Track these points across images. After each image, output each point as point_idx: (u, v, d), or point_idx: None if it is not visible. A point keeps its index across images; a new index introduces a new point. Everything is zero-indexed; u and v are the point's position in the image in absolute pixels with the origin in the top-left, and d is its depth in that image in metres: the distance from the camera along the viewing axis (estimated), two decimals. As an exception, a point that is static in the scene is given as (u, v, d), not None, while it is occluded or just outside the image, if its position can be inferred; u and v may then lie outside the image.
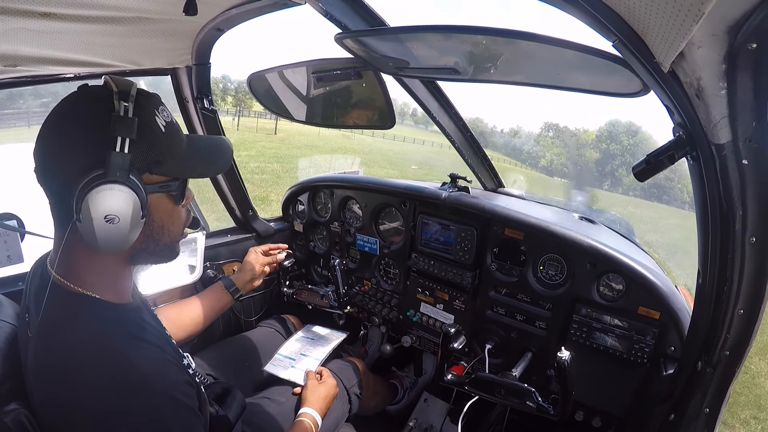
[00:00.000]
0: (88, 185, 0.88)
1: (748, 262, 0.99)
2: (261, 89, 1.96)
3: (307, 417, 1.68)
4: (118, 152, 0.89)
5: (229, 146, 1.22)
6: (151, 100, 1.00)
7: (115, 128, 0.89)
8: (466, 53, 1.31)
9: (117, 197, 0.89)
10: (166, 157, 1.00)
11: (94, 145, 0.90)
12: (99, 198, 0.88)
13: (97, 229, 0.89)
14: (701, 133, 0.88)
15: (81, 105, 0.96)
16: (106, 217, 0.89)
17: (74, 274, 1.00)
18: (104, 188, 0.88)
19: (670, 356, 1.57)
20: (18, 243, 1.56)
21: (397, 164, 27.09)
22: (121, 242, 0.93)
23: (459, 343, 1.75)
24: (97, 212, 0.88)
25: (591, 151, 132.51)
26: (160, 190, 1.02)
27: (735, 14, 0.64)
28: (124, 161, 0.90)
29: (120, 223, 0.91)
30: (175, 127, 1.05)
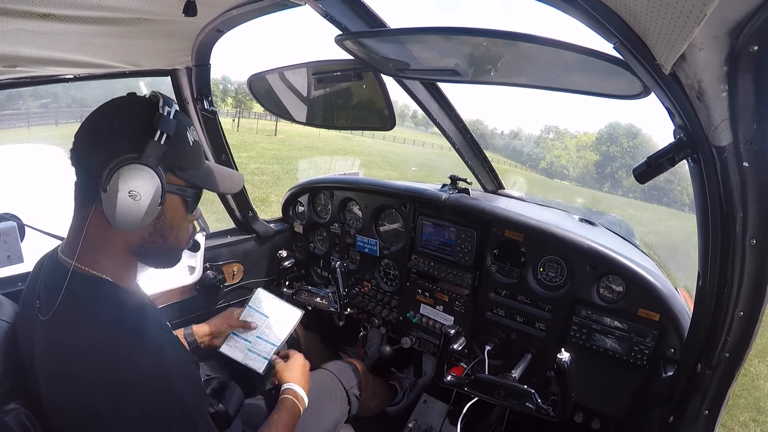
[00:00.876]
0: (122, 162, 0.99)
1: (748, 264, 0.99)
2: (261, 90, 1.96)
3: (288, 393, 1.63)
4: (155, 141, 1.02)
5: (241, 179, 1.35)
6: (186, 118, 1.14)
7: (157, 122, 1.02)
8: (466, 55, 1.31)
9: (144, 178, 1.00)
10: (188, 166, 1.13)
11: (136, 134, 1.02)
12: (129, 174, 0.99)
13: (120, 202, 0.98)
14: (702, 135, 0.88)
15: (131, 103, 1.08)
16: (130, 192, 0.99)
17: (89, 257, 1.08)
18: (136, 167, 1.00)
19: (670, 358, 1.56)
20: (18, 243, 1.55)
21: (397, 166, 27.11)
22: (135, 220, 1.02)
23: (459, 344, 1.75)
24: (124, 185, 0.98)
25: (591, 153, 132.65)
26: (178, 192, 1.12)
27: (736, 16, 0.64)
28: (159, 151, 1.02)
29: (140, 201, 1.00)
30: (200, 147, 1.19)
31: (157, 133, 1.02)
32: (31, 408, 1.04)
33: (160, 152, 1.03)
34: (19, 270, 1.61)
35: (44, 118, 33.44)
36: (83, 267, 1.07)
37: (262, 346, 1.88)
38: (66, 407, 0.99)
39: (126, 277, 1.14)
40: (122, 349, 0.98)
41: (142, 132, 1.02)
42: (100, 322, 1.01)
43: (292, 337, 2.20)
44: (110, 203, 0.99)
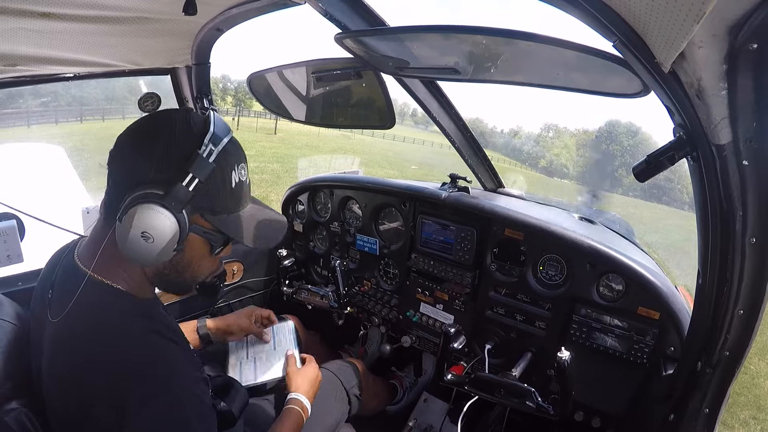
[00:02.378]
0: (144, 197, 0.94)
1: (748, 262, 0.99)
2: (261, 89, 1.96)
3: (295, 404, 1.60)
4: (183, 186, 0.96)
5: (284, 227, 1.25)
6: (236, 154, 1.07)
7: (192, 165, 0.96)
8: (466, 53, 1.31)
9: (162, 222, 0.94)
10: (221, 210, 1.07)
11: (168, 168, 0.97)
12: (146, 214, 0.93)
13: (131, 239, 0.94)
14: (702, 133, 0.88)
15: (179, 125, 1.01)
16: (143, 233, 0.94)
17: (106, 268, 1.05)
18: (155, 208, 0.94)
19: (670, 356, 1.57)
20: (18, 243, 1.56)
21: (396, 164, 27.08)
22: (146, 259, 0.97)
23: (459, 343, 1.75)
24: (138, 224, 0.93)
25: (591, 151, 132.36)
26: (203, 235, 1.07)
27: (736, 14, 0.64)
28: (185, 196, 0.97)
29: (153, 243, 0.95)
30: (244, 188, 1.12)
31: (187, 177, 0.96)
32: (32, 408, 1.04)
33: (186, 197, 0.97)
34: (19, 269, 1.62)
35: (44, 117, 33.44)
36: (99, 277, 1.04)
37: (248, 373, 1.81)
38: (68, 413, 0.98)
39: (143, 289, 1.11)
40: (131, 366, 0.95)
41: (176, 168, 0.96)
42: (111, 334, 0.98)
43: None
44: (122, 236, 0.95)
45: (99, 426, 0.94)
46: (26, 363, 1.12)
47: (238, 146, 1.09)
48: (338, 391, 1.93)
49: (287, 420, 1.55)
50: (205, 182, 0.99)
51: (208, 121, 1.01)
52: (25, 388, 1.07)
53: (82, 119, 34.31)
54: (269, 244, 1.22)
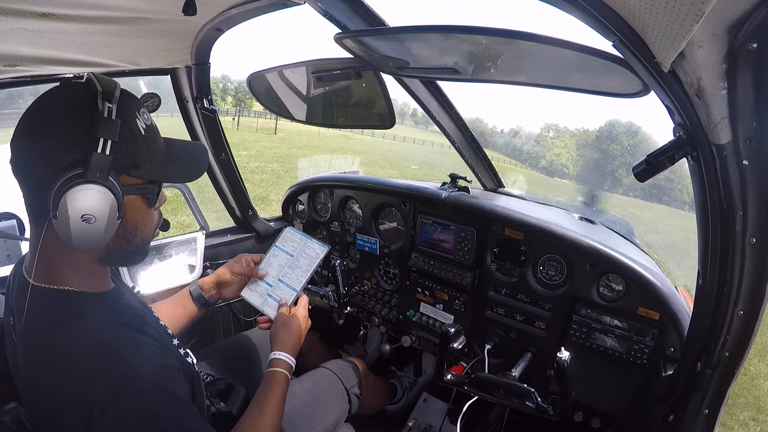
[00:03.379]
0: (66, 183, 0.89)
1: (748, 262, 0.99)
2: (261, 89, 1.96)
3: (277, 366, 1.42)
4: (99, 153, 0.90)
5: (205, 153, 1.23)
6: (133, 102, 1.01)
7: (98, 129, 0.90)
8: (466, 53, 1.31)
9: (95, 197, 0.90)
10: (143, 161, 1.01)
11: (75, 145, 0.91)
12: (77, 197, 0.89)
13: (73, 228, 0.90)
14: (702, 133, 0.88)
15: (63, 102, 0.95)
16: (83, 217, 0.90)
17: (50, 272, 1.01)
18: (83, 188, 0.89)
19: (670, 357, 1.56)
20: (18, 243, 1.56)
21: (397, 164, 27.07)
22: (95, 241, 0.94)
23: (458, 343, 1.75)
24: (74, 211, 0.89)
25: (591, 151, 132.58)
26: (136, 192, 1.03)
27: (735, 14, 0.63)
28: (105, 162, 0.91)
29: (96, 223, 0.91)
30: (154, 130, 1.06)
31: (99, 143, 0.90)
32: None
33: (107, 162, 0.91)
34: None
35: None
36: (44, 285, 1.00)
37: (282, 291, 1.74)
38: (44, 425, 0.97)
39: (95, 281, 1.07)
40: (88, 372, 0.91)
41: (83, 142, 0.90)
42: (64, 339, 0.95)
43: None
44: (64, 230, 0.91)
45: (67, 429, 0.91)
46: None
47: (130, 94, 1.02)
48: (338, 391, 1.92)
49: (273, 386, 1.37)
50: (120, 140, 0.93)
51: (91, 83, 0.94)
52: None
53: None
54: (198, 175, 1.19)
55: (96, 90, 0.92)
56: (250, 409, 1.29)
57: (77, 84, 0.97)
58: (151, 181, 1.05)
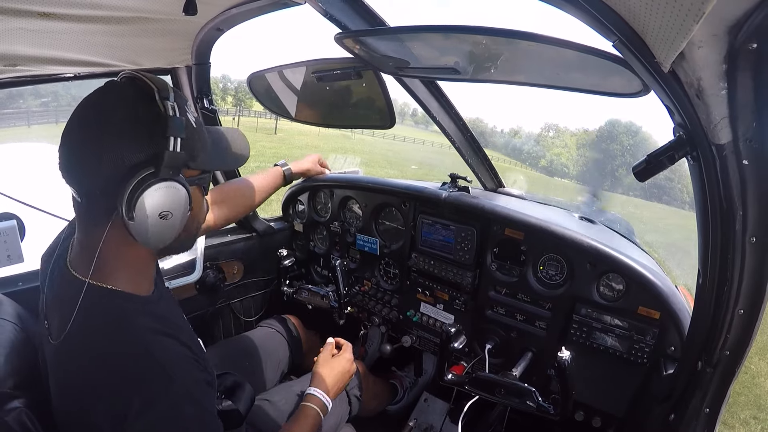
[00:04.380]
0: (141, 184, 0.90)
1: (748, 262, 0.99)
2: (261, 89, 1.96)
3: (312, 402, 1.52)
4: (171, 151, 0.91)
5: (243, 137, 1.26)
6: (181, 97, 1.01)
7: (167, 128, 0.91)
8: (466, 53, 1.31)
9: (172, 195, 0.93)
10: (199, 152, 1.03)
11: (144, 144, 0.91)
12: (155, 196, 0.91)
13: (152, 226, 0.92)
14: (701, 133, 0.88)
15: (127, 103, 0.94)
16: (161, 214, 0.93)
17: (103, 271, 1.00)
18: (160, 186, 0.91)
19: (670, 356, 1.57)
20: (18, 243, 1.56)
21: (397, 164, 27.06)
22: (170, 236, 0.98)
23: (459, 342, 1.75)
24: (152, 210, 0.91)
25: (591, 151, 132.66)
26: (196, 183, 1.06)
27: (736, 14, 0.64)
28: (177, 160, 0.93)
29: (173, 218, 0.95)
30: (200, 120, 1.08)
31: (170, 142, 0.91)
32: (33, 408, 1.04)
33: (179, 159, 0.93)
34: (19, 269, 1.62)
35: (44, 117, 33.49)
36: (97, 283, 1.00)
37: None
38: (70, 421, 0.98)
39: (142, 283, 1.08)
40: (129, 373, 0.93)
41: (153, 139, 0.91)
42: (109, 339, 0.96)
43: (290, 333, 2.20)
44: (141, 229, 0.92)
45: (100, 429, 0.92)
46: (27, 362, 1.12)
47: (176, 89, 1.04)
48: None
49: (302, 419, 1.47)
50: (188, 137, 0.96)
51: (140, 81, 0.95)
52: (27, 388, 1.07)
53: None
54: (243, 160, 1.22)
55: (150, 88, 0.93)
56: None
57: (126, 85, 0.97)
58: (206, 171, 1.09)
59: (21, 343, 1.15)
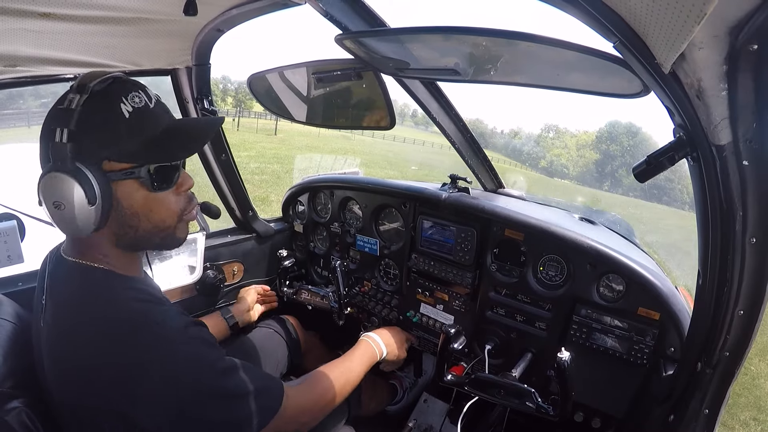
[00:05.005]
0: (42, 175, 0.97)
1: (748, 262, 0.99)
2: (261, 90, 1.96)
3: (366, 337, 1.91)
4: (56, 142, 0.95)
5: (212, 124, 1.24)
6: (121, 87, 1.01)
7: (51, 121, 0.97)
8: (466, 54, 1.31)
9: (58, 185, 0.95)
10: (126, 144, 1.00)
11: (45, 137, 0.99)
12: (45, 186, 0.97)
13: (51, 214, 0.98)
14: (702, 134, 0.88)
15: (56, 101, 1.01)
16: (54, 203, 0.96)
17: (85, 252, 1.08)
18: (48, 177, 0.96)
19: (670, 357, 1.56)
20: (18, 243, 1.56)
21: (397, 165, 27.09)
22: (75, 227, 0.98)
23: (459, 343, 1.75)
24: (47, 199, 0.97)
25: (591, 151, 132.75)
26: (126, 177, 1.01)
27: (736, 15, 0.64)
28: (63, 151, 0.95)
29: (66, 209, 0.96)
30: (146, 113, 1.03)
31: (56, 133, 0.94)
32: (32, 407, 1.04)
33: (66, 149, 0.94)
34: (19, 270, 1.62)
35: (44, 118, 33.44)
36: (85, 262, 1.07)
37: None
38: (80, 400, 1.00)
39: (126, 265, 1.11)
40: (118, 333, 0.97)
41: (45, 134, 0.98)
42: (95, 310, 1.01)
43: (289, 333, 2.22)
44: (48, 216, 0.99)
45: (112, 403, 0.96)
46: (27, 362, 1.12)
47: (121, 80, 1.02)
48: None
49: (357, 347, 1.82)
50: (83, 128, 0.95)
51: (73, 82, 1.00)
52: (26, 387, 1.07)
53: (82, 120, 34.20)
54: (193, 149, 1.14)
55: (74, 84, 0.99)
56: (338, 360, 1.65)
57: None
58: (142, 164, 1.02)
59: (20, 343, 1.15)
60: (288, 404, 1.18)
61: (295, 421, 1.25)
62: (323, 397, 1.42)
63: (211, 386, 1.03)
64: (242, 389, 1.08)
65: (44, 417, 1.04)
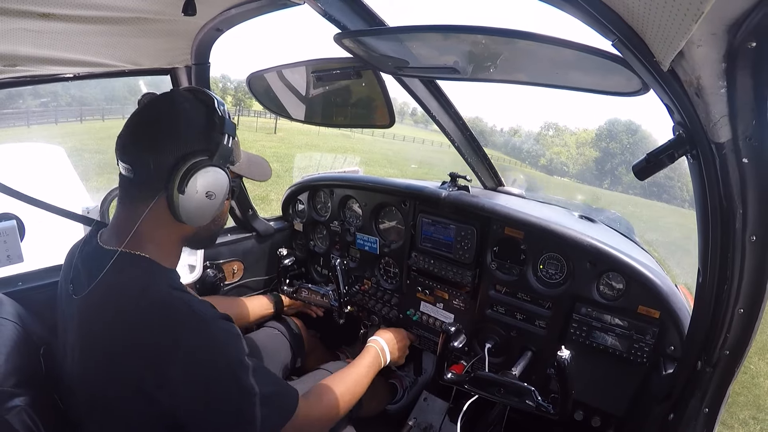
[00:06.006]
0: (197, 165, 1.08)
1: (748, 260, 0.99)
2: (260, 89, 1.96)
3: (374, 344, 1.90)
4: (224, 145, 1.12)
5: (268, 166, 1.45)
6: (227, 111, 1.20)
7: (224, 126, 1.13)
8: (465, 53, 1.31)
9: (219, 178, 1.12)
10: (236, 159, 1.25)
11: (205, 136, 1.11)
12: (207, 176, 1.09)
13: (197, 202, 1.10)
14: (701, 131, 0.88)
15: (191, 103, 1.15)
16: (208, 193, 1.11)
17: (136, 241, 1.13)
18: (211, 170, 1.10)
19: (670, 355, 1.57)
20: (18, 243, 1.56)
21: (396, 163, 27.09)
22: (207, 216, 1.15)
23: (459, 341, 1.75)
24: (203, 187, 1.09)
25: (591, 149, 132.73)
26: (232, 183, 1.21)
27: (734, 13, 0.64)
28: (227, 152, 1.13)
29: (215, 200, 1.13)
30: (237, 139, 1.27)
31: (225, 137, 1.12)
32: (34, 407, 1.04)
33: (228, 153, 1.13)
34: (19, 269, 1.62)
35: (44, 117, 33.52)
36: (127, 250, 1.12)
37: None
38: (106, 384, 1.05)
39: (168, 258, 1.19)
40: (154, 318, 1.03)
41: (211, 134, 1.12)
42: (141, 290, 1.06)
43: (293, 334, 2.21)
44: (187, 203, 1.08)
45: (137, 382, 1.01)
46: (27, 361, 1.13)
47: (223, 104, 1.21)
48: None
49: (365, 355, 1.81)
50: (234, 138, 1.16)
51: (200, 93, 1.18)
52: (27, 386, 1.07)
53: (82, 119, 34.37)
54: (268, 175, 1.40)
55: (209, 98, 1.15)
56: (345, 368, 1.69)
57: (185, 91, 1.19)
58: (238, 176, 1.29)
59: (22, 342, 1.15)
60: (299, 413, 1.22)
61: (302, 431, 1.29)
62: (333, 409, 1.47)
63: (236, 375, 1.07)
64: (262, 389, 1.11)
65: (45, 416, 1.05)
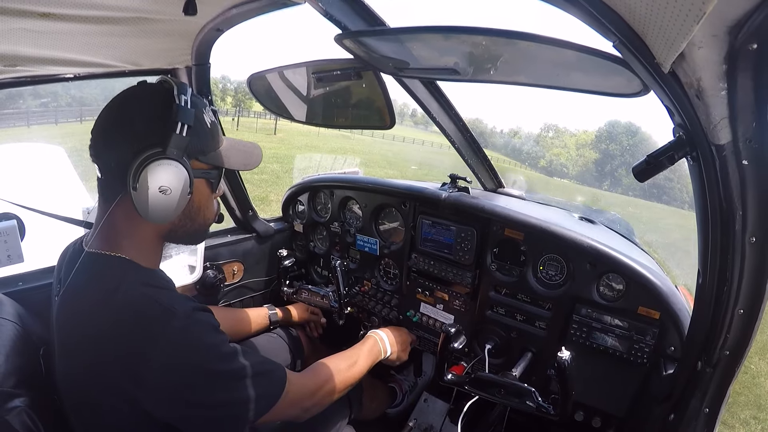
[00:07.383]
0: (148, 159, 1.03)
1: (748, 261, 0.99)
2: (261, 89, 1.96)
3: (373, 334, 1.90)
4: (178, 134, 1.04)
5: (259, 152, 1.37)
6: (201, 100, 1.16)
7: (177, 114, 1.04)
8: (465, 54, 1.31)
9: (172, 172, 1.04)
10: (210, 149, 1.18)
11: (157, 128, 1.05)
12: (157, 170, 1.02)
13: (151, 198, 1.03)
14: (701, 133, 0.88)
15: (147, 94, 1.11)
16: (160, 188, 1.03)
17: (108, 241, 1.12)
18: (163, 163, 1.03)
19: (670, 356, 1.57)
20: (18, 243, 1.56)
21: (396, 164, 27.09)
22: (168, 212, 1.07)
23: (459, 343, 1.75)
24: (153, 183, 1.02)
25: (590, 151, 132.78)
26: (202, 175, 1.17)
27: (736, 15, 0.64)
28: (182, 143, 1.06)
29: (171, 195, 1.05)
30: (217, 126, 1.24)
31: (178, 126, 1.04)
32: (34, 407, 1.04)
33: (184, 143, 1.06)
34: (19, 269, 1.62)
35: (44, 117, 33.56)
36: (104, 252, 1.11)
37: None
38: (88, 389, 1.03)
39: (150, 258, 1.18)
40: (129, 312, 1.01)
41: (164, 125, 1.05)
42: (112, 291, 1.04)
43: (292, 337, 2.21)
44: (142, 200, 1.03)
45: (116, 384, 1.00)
46: (27, 361, 1.13)
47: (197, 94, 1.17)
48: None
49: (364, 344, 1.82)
50: (192, 127, 1.07)
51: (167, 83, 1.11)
52: (27, 387, 1.07)
53: (82, 119, 34.36)
54: (254, 165, 1.31)
55: (171, 86, 1.08)
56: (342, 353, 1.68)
57: (153, 84, 1.14)
58: (215, 168, 1.21)
59: (22, 342, 1.15)
60: (290, 389, 1.22)
61: (297, 406, 1.31)
62: (327, 383, 1.45)
63: (213, 368, 1.06)
64: (245, 372, 1.10)
65: (45, 416, 1.05)
